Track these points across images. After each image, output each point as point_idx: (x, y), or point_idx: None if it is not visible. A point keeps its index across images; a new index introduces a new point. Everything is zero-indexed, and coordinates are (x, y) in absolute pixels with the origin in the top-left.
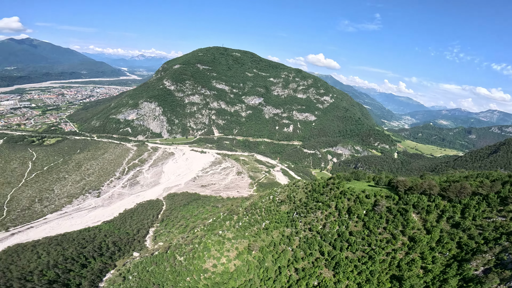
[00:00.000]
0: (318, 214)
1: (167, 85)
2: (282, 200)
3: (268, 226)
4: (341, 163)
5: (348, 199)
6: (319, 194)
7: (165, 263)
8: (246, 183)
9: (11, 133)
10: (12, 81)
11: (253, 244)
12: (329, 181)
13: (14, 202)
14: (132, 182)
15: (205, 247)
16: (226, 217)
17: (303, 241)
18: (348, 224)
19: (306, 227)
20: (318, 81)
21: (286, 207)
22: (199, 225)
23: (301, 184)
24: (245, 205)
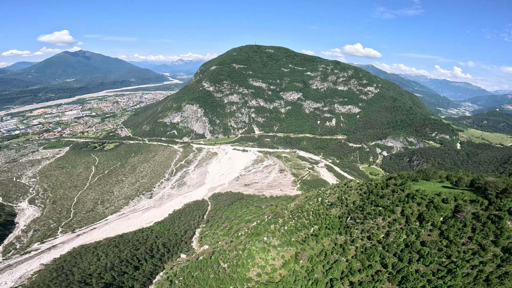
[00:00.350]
0: (378, 220)
1: (206, 87)
2: (332, 203)
3: (317, 232)
4: (393, 157)
5: (418, 204)
6: (377, 197)
7: (209, 269)
8: (289, 180)
9: (76, 140)
10: (73, 92)
11: (301, 252)
12: (390, 182)
13: (80, 204)
14: (179, 183)
15: (249, 255)
16: (270, 220)
17: (360, 251)
18: (420, 233)
19: (364, 235)
20: (360, 72)
21: (337, 211)
22: (242, 228)
23: (354, 185)
24: (291, 208)
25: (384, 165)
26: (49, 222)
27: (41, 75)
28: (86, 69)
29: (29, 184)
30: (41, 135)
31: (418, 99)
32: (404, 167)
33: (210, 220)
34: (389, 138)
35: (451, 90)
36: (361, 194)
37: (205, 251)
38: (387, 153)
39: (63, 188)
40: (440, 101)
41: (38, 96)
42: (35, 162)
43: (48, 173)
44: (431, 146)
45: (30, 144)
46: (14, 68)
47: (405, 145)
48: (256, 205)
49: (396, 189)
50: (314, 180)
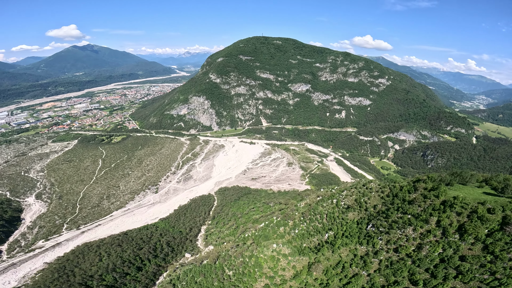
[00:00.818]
0: (408, 231)
1: (212, 79)
2: (349, 206)
3: (332, 239)
4: (405, 151)
5: (458, 214)
6: (405, 203)
7: (213, 275)
8: (297, 174)
9: (85, 133)
10: (83, 86)
11: (315, 263)
12: (419, 185)
13: (86, 199)
14: (186, 177)
15: (257, 263)
16: (279, 222)
17: (385, 265)
18: (459, 247)
19: (389, 247)
20: (371, 63)
21: (354, 215)
22: (249, 229)
23: (375, 186)
24: (302, 209)
25: (396, 159)
26: (55, 218)
27: (50, 69)
28: (94, 63)
29: (37, 179)
30: (50, 128)
31: (431, 92)
32: (418, 161)
33: (216, 217)
34: (401, 131)
35: (464, 83)
36: (383, 198)
37: (209, 253)
38: (399, 147)
39: (70, 182)
40: (453, 94)
41: (48, 90)
42: (43, 155)
43: (56, 167)
44: (446, 140)
45: (39, 137)
46: (24, 63)
47: (418, 139)
48: (264, 202)
49: (429, 195)
50: (323, 174)
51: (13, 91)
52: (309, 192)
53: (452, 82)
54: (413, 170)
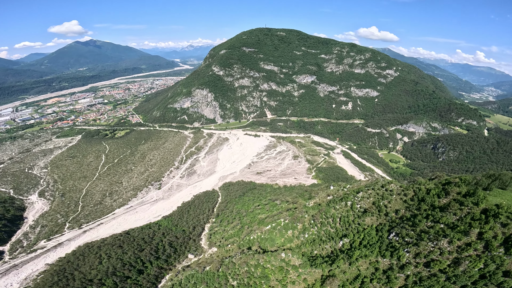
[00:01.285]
0: (443, 243)
1: (216, 71)
2: (366, 210)
3: (349, 250)
4: (415, 143)
5: (504, 225)
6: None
7: (216, 284)
8: (303, 168)
9: (89, 128)
10: (86, 81)
11: (329, 277)
12: (450, 189)
13: (88, 196)
14: (189, 172)
15: (263, 274)
16: (287, 225)
17: (413, 281)
18: (504, 262)
19: (419, 261)
20: (378, 55)
21: (373, 220)
22: (255, 231)
23: (396, 188)
24: (312, 211)
25: (405, 152)
26: (57, 217)
27: (54, 65)
28: (97, 58)
29: (40, 175)
30: (54, 123)
31: (440, 83)
32: (428, 154)
33: (221, 214)
34: (410, 123)
35: (473, 74)
36: (406, 201)
37: (212, 258)
38: (409, 139)
39: (72, 179)
40: (462, 86)
41: (52, 85)
42: (47, 151)
43: (59, 163)
44: (458, 132)
45: (44, 133)
46: (27, 59)
47: (428, 131)
48: (270, 198)
49: (465, 201)
50: (330, 168)
51: (17, 88)
52: (317, 189)
53: (460, 73)
54: (423, 163)
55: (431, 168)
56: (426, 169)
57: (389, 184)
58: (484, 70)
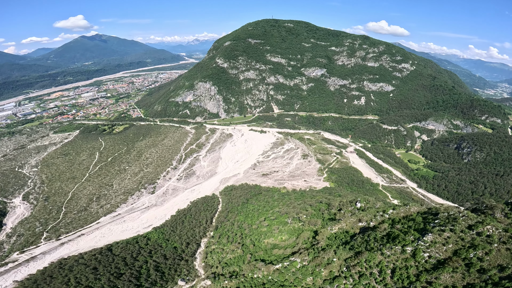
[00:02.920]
0: None
1: (219, 63)
2: (444, 261)
3: None
4: (435, 142)
5: None
6: None
7: None
8: (314, 168)
9: (88, 122)
10: (91, 75)
11: None
12: None
13: (73, 201)
14: (188, 173)
15: None
16: (306, 269)
17: None
18: None
19: None
20: (392, 47)
21: (455, 279)
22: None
23: (496, 234)
24: (344, 253)
25: (425, 151)
26: (35, 225)
27: (60, 59)
28: (103, 52)
29: (29, 175)
30: (55, 118)
31: (458, 78)
32: (451, 155)
33: (220, 227)
34: (430, 120)
35: (486, 70)
36: None
37: None
38: (428, 137)
39: (60, 180)
40: (476, 81)
41: (57, 79)
42: (41, 148)
43: (51, 162)
44: (483, 131)
45: (42, 128)
46: (34, 54)
47: (450, 129)
48: (278, 211)
49: None
50: (343, 169)
51: (22, 82)
52: (337, 200)
53: (473, 69)
54: (447, 164)
55: (457, 171)
56: (450, 171)
57: (483, 225)
58: (497, 66)
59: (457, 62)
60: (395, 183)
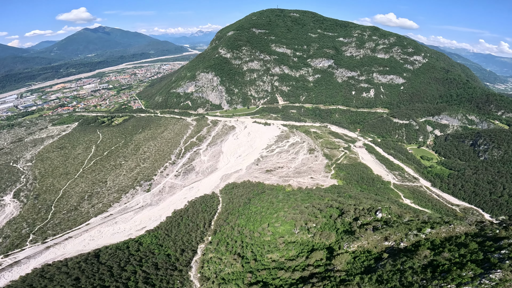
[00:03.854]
0: None
1: (222, 54)
2: None
3: None
4: (449, 138)
5: None
6: None
7: None
8: (321, 164)
9: (88, 114)
10: (94, 66)
11: None
12: None
13: (64, 200)
14: (186, 169)
15: None
16: None
17: None
18: None
19: None
20: (404, 39)
21: None
22: None
23: None
24: (369, 286)
25: (438, 148)
26: (23, 226)
27: (63, 52)
28: (106, 44)
29: (23, 170)
30: (55, 110)
31: (471, 72)
32: (466, 152)
33: (219, 232)
34: (443, 114)
35: (496, 65)
36: None
37: None
38: (441, 132)
39: (53, 176)
40: (486, 76)
41: (59, 72)
42: (38, 141)
43: (46, 156)
44: (499, 127)
45: (42, 120)
46: (38, 47)
47: (464, 124)
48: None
49: None
50: (352, 165)
51: (24, 75)
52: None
53: (483, 63)
54: (462, 162)
55: (473, 169)
56: (466, 169)
57: None
58: (507, 61)
59: (467, 56)
60: (407, 181)
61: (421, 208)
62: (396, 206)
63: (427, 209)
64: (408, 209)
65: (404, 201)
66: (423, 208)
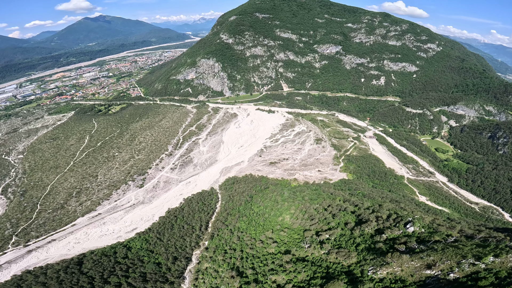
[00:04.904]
0: None
1: (224, 39)
2: None
3: None
4: (465, 129)
5: None
6: None
7: None
8: (329, 156)
9: (85, 103)
10: (94, 55)
11: None
12: None
13: (51, 196)
14: (184, 161)
15: None
16: None
17: None
18: None
19: None
20: (417, 27)
21: None
22: None
23: None
24: None
25: (453, 139)
26: (6, 226)
27: (63, 42)
28: (107, 33)
29: (13, 163)
30: (53, 99)
31: (486, 62)
32: (484, 144)
33: (216, 237)
34: (460, 104)
35: (507, 56)
36: None
37: None
38: (456, 123)
39: (43, 169)
40: (498, 66)
41: (60, 61)
42: (32, 132)
43: (38, 147)
44: None
45: (39, 110)
46: (38, 38)
47: (481, 115)
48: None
49: None
50: (362, 157)
51: (24, 65)
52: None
53: (494, 54)
54: (479, 156)
55: (492, 164)
56: (485, 164)
57: None
58: None
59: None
60: (422, 176)
61: (439, 206)
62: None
63: (445, 207)
64: (440, 215)
65: (420, 198)
66: (440, 206)
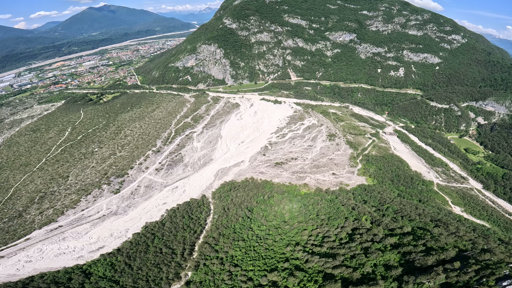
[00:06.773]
0: None
1: (227, 24)
2: None
3: None
4: (496, 127)
5: None
6: None
7: None
8: (344, 155)
9: (78, 91)
10: (97, 44)
11: None
12: None
13: (11, 202)
14: (173, 159)
15: None
16: None
17: None
18: None
19: None
20: (440, 17)
21: None
22: None
23: None
24: None
25: (483, 139)
26: None
27: (67, 31)
28: (111, 23)
29: None
30: (48, 88)
31: (509, 57)
32: None
33: (202, 268)
34: (489, 99)
35: None
36: None
37: None
38: (485, 121)
39: (12, 167)
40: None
41: (61, 50)
42: (16, 122)
43: (15, 141)
44: None
45: (31, 99)
46: (44, 28)
47: (511, 112)
48: (300, 257)
49: None
50: (382, 157)
51: (25, 54)
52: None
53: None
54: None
55: None
56: None
57: None
58: None
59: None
60: (454, 182)
61: (477, 219)
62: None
63: (483, 220)
64: None
65: (454, 209)
66: (478, 219)
